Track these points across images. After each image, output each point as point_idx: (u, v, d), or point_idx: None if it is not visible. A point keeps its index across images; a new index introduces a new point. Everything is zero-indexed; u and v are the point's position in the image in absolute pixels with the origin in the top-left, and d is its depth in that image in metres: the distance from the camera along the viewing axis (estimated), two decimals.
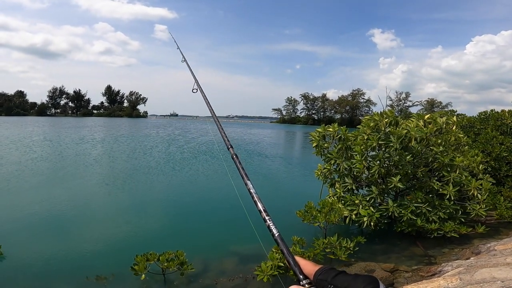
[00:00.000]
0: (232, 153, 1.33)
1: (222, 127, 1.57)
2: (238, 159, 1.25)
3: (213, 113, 1.79)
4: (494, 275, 3.39)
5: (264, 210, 0.97)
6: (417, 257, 6.07)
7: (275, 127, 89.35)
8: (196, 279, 5.24)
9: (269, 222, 0.93)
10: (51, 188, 11.42)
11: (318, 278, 0.70)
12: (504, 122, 11.10)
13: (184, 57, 2.81)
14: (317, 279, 0.70)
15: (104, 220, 8.41)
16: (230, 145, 1.40)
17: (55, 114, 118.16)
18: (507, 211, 7.40)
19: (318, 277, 0.70)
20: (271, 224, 0.93)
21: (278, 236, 0.89)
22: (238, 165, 1.22)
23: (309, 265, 0.75)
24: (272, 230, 0.91)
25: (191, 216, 9.02)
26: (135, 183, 12.64)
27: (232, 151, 1.35)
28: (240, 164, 1.22)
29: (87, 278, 5.10)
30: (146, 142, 29.51)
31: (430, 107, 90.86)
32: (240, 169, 1.19)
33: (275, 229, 0.91)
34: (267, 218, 0.94)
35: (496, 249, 5.06)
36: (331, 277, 0.67)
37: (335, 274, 0.68)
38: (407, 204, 6.44)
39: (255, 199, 1.03)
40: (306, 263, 0.77)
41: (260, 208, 0.98)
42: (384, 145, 6.57)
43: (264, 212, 0.96)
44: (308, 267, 0.75)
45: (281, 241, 0.87)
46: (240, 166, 1.20)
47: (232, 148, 1.37)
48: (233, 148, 1.36)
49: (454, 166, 6.75)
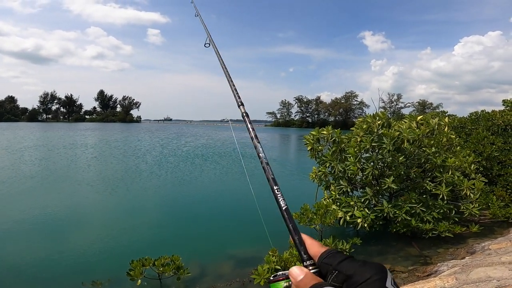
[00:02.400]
0: (242, 111, 1.24)
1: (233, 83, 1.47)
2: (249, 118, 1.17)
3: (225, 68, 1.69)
4: (489, 274, 3.42)
5: (273, 178, 0.88)
6: (412, 257, 6.11)
7: (270, 130, 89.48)
8: (193, 283, 5.20)
9: (278, 192, 0.84)
10: (45, 193, 11.26)
11: (323, 261, 0.66)
12: (494, 123, 11.30)
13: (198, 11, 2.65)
14: (321, 262, 0.66)
15: (99, 225, 8.31)
16: (241, 103, 1.31)
17: (47, 119, 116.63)
18: (500, 210, 7.51)
19: (323, 260, 0.66)
20: (279, 195, 0.84)
21: (285, 210, 0.81)
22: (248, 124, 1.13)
23: (315, 245, 0.70)
24: (280, 202, 0.82)
25: (187, 221, 8.97)
26: (130, 187, 12.52)
27: (243, 109, 1.26)
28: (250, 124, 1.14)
29: (82, 283, 5.04)
30: (140, 146, 29.29)
31: (422, 108, 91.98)
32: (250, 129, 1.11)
33: (283, 201, 0.82)
34: (276, 188, 0.85)
35: (491, 248, 5.12)
36: (336, 262, 0.63)
37: (342, 260, 0.63)
38: (401, 205, 6.50)
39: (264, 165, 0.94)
40: (312, 243, 0.71)
41: (268, 176, 0.89)
42: (377, 146, 6.63)
43: (273, 181, 0.87)
44: (314, 248, 0.70)
45: (288, 216, 0.79)
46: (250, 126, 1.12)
47: (243, 106, 1.28)
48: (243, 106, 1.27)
49: (447, 167, 6.84)
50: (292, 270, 0.66)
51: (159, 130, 66.96)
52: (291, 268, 0.66)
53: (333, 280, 0.62)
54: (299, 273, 0.64)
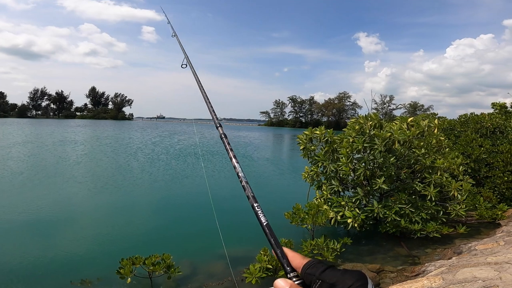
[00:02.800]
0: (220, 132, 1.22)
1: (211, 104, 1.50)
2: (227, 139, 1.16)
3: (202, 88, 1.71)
4: (475, 274, 3.49)
5: (253, 196, 0.90)
6: (401, 257, 6.21)
7: (263, 130, 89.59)
8: (184, 282, 5.19)
9: (258, 209, 0.86)
10: (33, 190, 11.06)
11: (306, 272, 0.68)
12: (483, 125, 11.53)
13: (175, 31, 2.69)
14: (305, 273, 0.68)
15: (89, 223, 8.22)
16: (219, 124, 1.31)
17: (36, 116, 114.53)
18: (486, 211, 7.67)
19: (306, 271, 0.68)
20: (259, 212, 0.86)
21: (266, 225, 0.83)
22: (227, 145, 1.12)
23: (297, 257, 0.73)
24: (261, 218, 0.84)
25: (178, 219, 8.93)
26: (120, 185, 12.40)
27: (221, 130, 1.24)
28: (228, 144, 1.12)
29: (71, 282, 4.99)
30: (131, 144, 29.01)
31: (413, 110, 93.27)
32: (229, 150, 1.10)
33: (264, 217, 0.84)
34: (256, 205, 0.87)
35: (477, 249, 5.22)
36: (319, 272, 0.66)
37: (324, 269, 0.66)
38: (391, 205, 6.59)
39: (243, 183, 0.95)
40: (294, 256, 0.74)
41: (248, 194, 0.91)
42: (369, 147, 6.71)
43: (253, 199, 0.89)
44: (296, 260, 0.73)
45: (269, 230, 0.82)
46: (229, 147, 1.11)
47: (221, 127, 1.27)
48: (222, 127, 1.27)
49: (435, 168, 6.96)
50: (276, 282, 0.67)
51: (152, 127, 66.44)
52: (276, 280, 0.67)
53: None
54: (283, 284, 0.66)
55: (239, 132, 63.43)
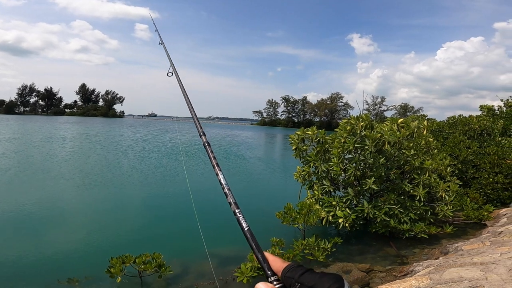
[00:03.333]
0: (204, 141, 1.25)
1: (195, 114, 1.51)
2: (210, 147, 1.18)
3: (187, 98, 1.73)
4: (461, 274, 3.55)
5: (235, 202, 0.93)
6: (390, 257, 6.30)
7: (256, 129, 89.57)
8: (175, 281, 5.17)
9: (239, 215, 0.89)
10: (20, 188, 10.82)
11: (286, 275, 0.70)
12: (471, 127, 11.78)
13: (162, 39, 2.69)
14: (284, 276, 0.70)
15: (78, 221, 8.10)
16: (202, 133, 1.33)
17: (24, 112, 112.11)
18: (473, 212, 7.84)
19: (286, 274, 0.70)
20: (241, 218, 0.88)
21: (247, 231, 0.85)
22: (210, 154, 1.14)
23: (277, 261, 0.75)
24: (242, 223, 0.87)
25: (169, 218, 8.87)
26: (110, 183, 12.24)
27: (204, 138, 1.27)
28: (212, 153, 1.15)
29: (58, 280, 4.90)
30: (122, 142, 28.64)
31: (403, 112, 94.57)
32: (212, 158, 1.12)
33: (245, 222, 0.87)
34: (237, 211, 0.90)
35: (463, 249, 5.32)
36: (298, 275, 0.68)
37: (302, 272, 0.68)
38: (380, 206, 6.68)
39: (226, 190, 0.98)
40: (274, 260, 0.76)
41: (230, 200, 0.94)
42: (360, 148, 6.78)
43: (234, 205, 0.92)
44: (276, 264, 0.75)
45: (251, 236, 0.84)
46: (212, 155, 1.13)
47: (204, 135, 1.30)
48: (205, 136, 1.29)
49: (424, 169, 7.08)
50: (257, 286, 0.69)
51: (142, 125, 65.72)
52: (257, 284, 0.69)
53: None
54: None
55: (232, 131, 63.32)
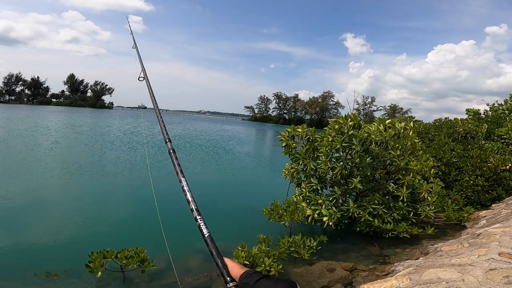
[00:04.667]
0: (169, 148, 1.29)
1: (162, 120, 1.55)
2: (175, 154, 1.22)
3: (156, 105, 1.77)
4: (439, 275, 3.62)
5: (196, 209, 0.97)
6: (373, 256, 6.41)
7: (247, 124, 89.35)
8: (159, 276, 5.14)
9: (200, 222, 0.92)
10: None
11: (243, 281, 0.73)
12: (456, 130, 12.06)
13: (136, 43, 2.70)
14: (241, 282, 0.73)
15: (59, 213, 7.93)
16: (168, 139, 1.37)
17: (9, 101, 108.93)
18: (454, 213, 8.04)
19: (243, 280, 0.73)
20: (201, 224, 0.92)
21: (208, 237, 0.90)
22: (174, 160, 1.18)
23: (236, 267, 0.78)
24: (203, 230, 0.91)
25: (154, 213, 8.76)
26: (93, 177, 11.99)
27: (170, 145, 1.31)
28: (176, 159, 1.18)
29: (35, 274, 4.80)
30: (106, 134, 28.13)
31: (392, 112, 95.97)
32: (176, 165, 1.16)
33: (206, 229, 0.91)
34: (198, 218, 0.94)
35: (443, 250, 5.42)
36: (253, 281, 0.70)
37: (258, 278, 0.70)
38: (365, 205, 6.78)
39: (188, 197, 1.01)
40: (233, 266, 0.79)
41: (192, 207, 0.97)
42: (347, 147, 6.85)
43: (196, 212, 0.96)
44: (235, 270, 0.77)
45: (211, 242, 0.88)
46: (176, 162, 1.17)
47: (170, 142, 1.34)
48: (171, 143, 1.33)
49: (409, 170, 7.21)
50: None
51: (132, 117, 64.68)
52: None
53: None
54: None
55: (223, 126, 63.09)
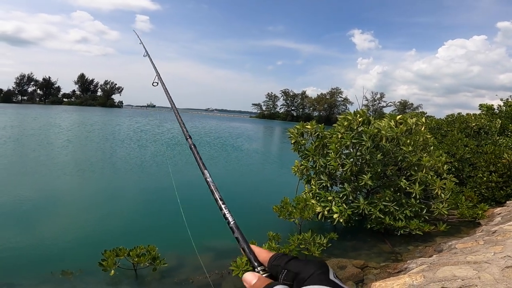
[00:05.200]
0: (190, 143, 1.35)
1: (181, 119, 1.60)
2: (196, 149, 1.27)
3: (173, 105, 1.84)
4: (455, 273, 3.56)
5: (220, 198, 0.98)
6: (385, 253, 6.33)
7: (255, 121, 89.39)
8: (170, 274, 5.18)
9: (225, 210, 0.94)
10: (14, 179, 10.75)
11: (273, 264, 0.73)
12: (469, 125, 11.78)
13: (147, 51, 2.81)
14: (271, 265, 0.73)
15: (72, 214, 8.06)
16: (188, 136, 1.43)
17: (22, 101, 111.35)
18: (468, 211, 7.87)
19: (273, 263, 0.73)
20: (226, 212, 0.94)
21: (233, 224, 0.90)
22: (196, 155, 1.22)
23: (263, 252, 0.78)
24: (228, 218, 0.92)
25: (165, 211, 8.85)
26: (105, 175, 12.19)
27: (190, 141, 1.37)
28: (197, 154, 1.23)
29: (52, 273, 4.89)
30: (116, 132, 28.49)
31: (403, 108, 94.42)
32: (198, 159, 1.20)
33: (231, 217, 0.92)
34: (223, 207, 0.95)
35: (457, 248, 5.33)
36: (284, 262, 0.70)
37: (288, 260, 0.70)
38: (376, 203, 6.69)
39: (212, 188, 1.04)
40: (260, 251, 0.79)
41: (216, 196, 0.99)
42: (357, 143, 6.76)
43: (220, 201, 0.97)
44: (262, 254, 0.78)
45: (237, 229, 0.89)
46: (198, 156, 1.21)
47: (190, 138, 1.40)
48: (191, 139, 1.39)
49: (421, 166, 7.08)
50: (245, 276, 0.71)
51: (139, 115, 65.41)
52: (244, 274, 0.72)
53: (283, 278, 0.68)
54: (252, 277, 0.70)
55: (231, 123, 63.23)
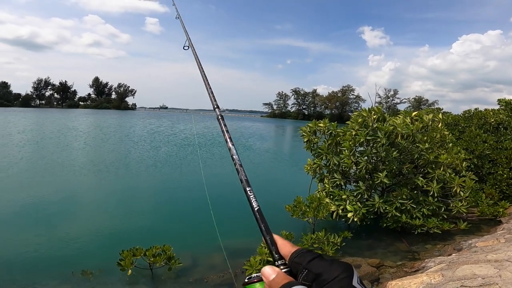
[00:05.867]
0: (218, 114, 1.25)
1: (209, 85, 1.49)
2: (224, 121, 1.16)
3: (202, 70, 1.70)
4: (475, 271, 3.48)
5: (246, 180, 0.89)
6: (401, 252, 6.21)
7: (266, 121, 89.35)
8: (185, 274, 5.23)
9: (250, 194, 0.85)
10: (32, 180, 11.12)
11: (294, 260, 0.68)
12: (487, 121, 11.40)
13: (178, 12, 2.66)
14: (292, 261, 0.68)
15: (90, 214, 8.27)
16: (216, 105, 1.34)
17: (40, 105, 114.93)
18: (488, 208, 7.62)
19: (294, 259, 0.68)
20: (251, 196, 0.84)
21: (258, 210, 0.82)
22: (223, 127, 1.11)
23: (286, 245, 0.72)
24: (252, 202, 0.83)
25: (179, 212, 8.97)
26: (121, 177, 12.45)
27: (218, 111, 1.27)
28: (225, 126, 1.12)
29: (72, 273, 5.03)
30: (133, 134, 29.03)
31: (418, 105, 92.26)
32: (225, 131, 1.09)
33: (256, 202, 0.83)
34: (248, 190, 0.86)
35: (477, 246, 5.20)
36: (306, 261, 0.65)
37: (311, 259, 0.65)
38: (392, 201, 6.56)
39: (237, 166, 0.93)
40: (284, 243, 0.73)
41: (241, 177, 0.90)
42: (372, 140, 6.65)
43: (246, 182, 0.88)
44: (285, 248, 0.72)
45: (261, 216, 0.81)
46: (225, 129, 1.10)
47: (218, 108, 1.30)
48: (219, 109, 1.30)
49: (439, 163, 6.90)
50: (264, 270, 0.67)
51: (154, 117, 66.45)
52: (263, 268, 0.67)
53: (303, 279, 0.63)
54: (271, 272, 0.66)
55: (243, 123, 63.41)
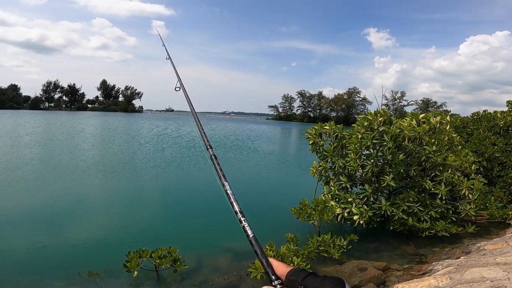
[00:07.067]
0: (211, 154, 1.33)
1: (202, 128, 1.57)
2: (217, 160, 1.26)
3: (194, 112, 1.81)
4: (483, 274, 3.42)
5: (240, 211, 0.99)
6: (408, 255, 6.13)
7: (272, 123, 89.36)
8: (190, 276, 5.25)
9: (244, 223, 0.95)
10: (40, 181, 11.29)
11: (290, 279, 0.74)
12: (496, 123, 11.22)
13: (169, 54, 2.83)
14: (288, 280, 0.74)
15: (96, 216, 8.35)
16: (209, 146, 1.41)
17: (49, 108, 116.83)
18: (497, 211, 7.50)
19: (290, 278, 0.74)
20: (246, 225, 0.95)
21: (252, 237, 0.91)
22: (216, 166, 1.22)
23: (281, 266, 0.80)
24: (247, 231, 0.93)
25: (184, 213, 9.01)
26: (128, 178, 12.55)
27: (211, 151, 1.35)
28: (218, 165, 1.22)
29: (78, 274, 5.07)
30: (139, 136, 29.29)
31: (425, 107, 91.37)
32: (218, 170, 1.20)
33: (250, 230, 0.93)
34: (243, 220, 0.96)
35: (486, 249, 5.12)
36: (301, 278, 0.71)
37: (305, 276, 0.71)
38: (399, 203, 6.50)
39: (232, 200, 1.04)
40: (278, 265, 0.81)
41: (236, 209, 1.00)
42: (378, 143, 6.60)
43: (240, 214, 0.98)
44: (280, 268, 0.79)
45: (256, 242, 0.90)
46: (218, 167, 1.21)
47: (211, 148, 1.38)
48: (212, 149, 1.37)
49: (447, 166, 6.81)
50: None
51: (161, 119, 67.01)
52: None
53: None
54: None
55: (248, 126, 63.61)
